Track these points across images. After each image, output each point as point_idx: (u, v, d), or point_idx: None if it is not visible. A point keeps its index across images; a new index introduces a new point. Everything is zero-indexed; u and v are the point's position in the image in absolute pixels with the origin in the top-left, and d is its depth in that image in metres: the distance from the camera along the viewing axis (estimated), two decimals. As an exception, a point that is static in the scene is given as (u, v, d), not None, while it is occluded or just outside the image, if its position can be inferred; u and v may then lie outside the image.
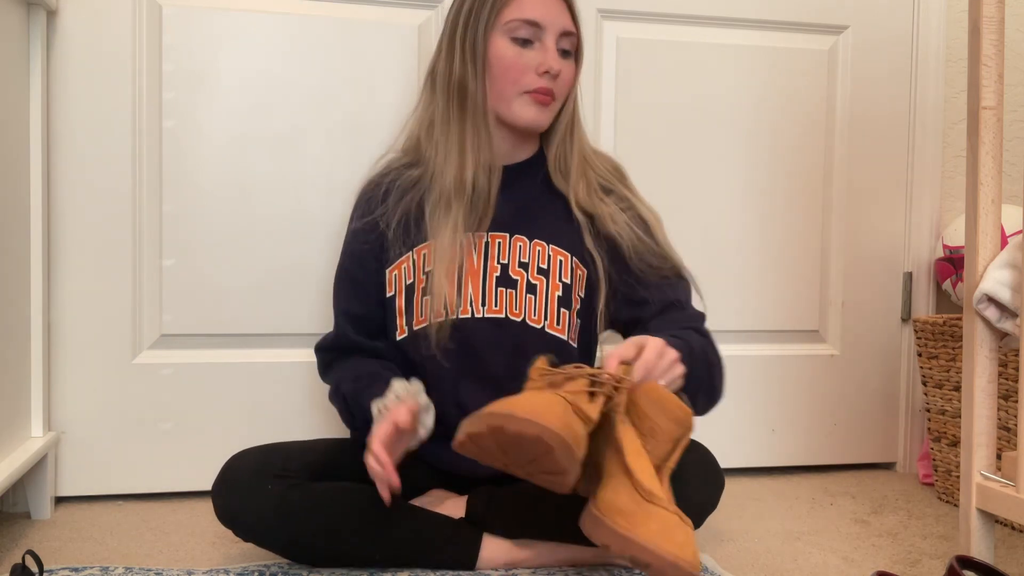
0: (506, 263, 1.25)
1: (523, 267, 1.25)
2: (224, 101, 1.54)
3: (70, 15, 1.47)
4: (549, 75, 1.22)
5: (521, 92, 1.22)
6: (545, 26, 1.22)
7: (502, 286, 1.24)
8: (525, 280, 1.25)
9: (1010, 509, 1.09)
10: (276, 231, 1.57)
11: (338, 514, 1.16)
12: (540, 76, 1.21)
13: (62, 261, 1.49)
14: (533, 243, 1.26)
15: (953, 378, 1.59)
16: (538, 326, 1.24)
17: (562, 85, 1.24)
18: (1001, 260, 1.12)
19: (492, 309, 1.24)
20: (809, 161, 1.78)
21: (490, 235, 1.25)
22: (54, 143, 1.47)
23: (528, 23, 1.21)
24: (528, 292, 1.24)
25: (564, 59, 1.24)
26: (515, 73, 1.22)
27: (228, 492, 1.17)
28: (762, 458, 1.78)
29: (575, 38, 1.26)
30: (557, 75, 1.22)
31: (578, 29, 1.26)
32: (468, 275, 1.24)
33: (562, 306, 1.25)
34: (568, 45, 1.25)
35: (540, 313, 1.24)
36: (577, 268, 1.26)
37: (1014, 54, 1.83)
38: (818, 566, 1.28)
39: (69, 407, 1.51)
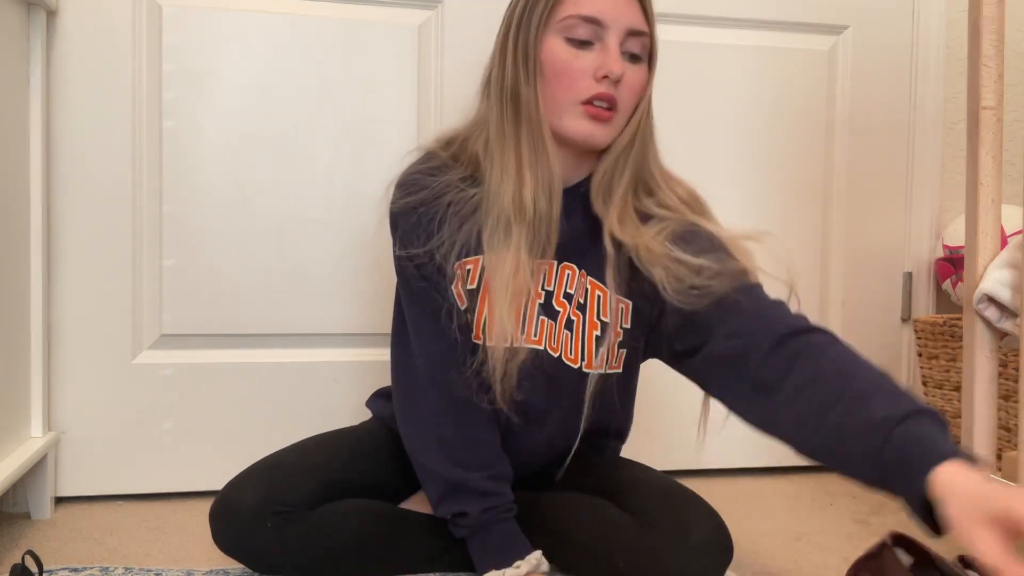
0: (551, 291, 1.11)
1: (567, 298, 1.11)
2: (224, 101, 1.54)
3: (70, 15, 1.47)
4: (609, 80, 1.03)
5: (576, 102, 1.04)
6: (607, 23, 1.03)
7: (543, 315, 1.11)
8: (567, 314, 1.11)
9: (1010, 509, 1.09)
10: (276, 231, 1.57)
11: (339, 539, 1.14)
12: (599, 81, 1.03)
13: (62, 261, 1.49)
14: (581, 273, 1.11)
15: (953, 378, 1.59)
16: (575, 366, 1.12)
17: (627, 94, 1.06)
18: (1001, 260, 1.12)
19: (531, 339, 1.10)
20: (809, 161, 1.78)
21: (537, 261, 1.08)
22: (54, 143, 1.47)
23: (587, 20, 1.03)
24: (565, 328, 1.11)
25: (631, 63, 1.06)
26: (569, 78, 1.03)
27: (226, 528, 1.15)
28: (762, 458, 1.78)
29: (647, 39, 1.07)
30: (619, 80, 1.03)
31: (652, 30, 1.08)
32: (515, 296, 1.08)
33: (599, 345, 1.11)
34: (637, 48, 1.06)
35: (576, 353, 1.12)
36: (619, 302, 1.11)
37: (1014, 54, 1.83)
38: (818, 566, 1.28)
39: (69, 407, 1.51)
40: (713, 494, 1.20)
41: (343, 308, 1.59)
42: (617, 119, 1.07)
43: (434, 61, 1.60)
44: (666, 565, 1.04)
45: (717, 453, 1.77)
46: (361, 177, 1.59)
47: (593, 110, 1.04)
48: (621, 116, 1.07)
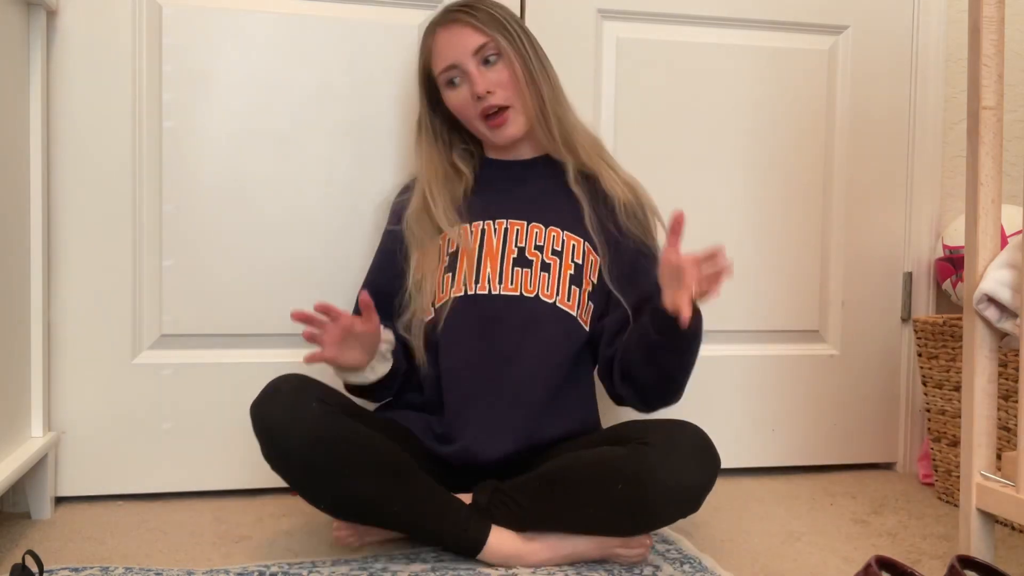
0: (523, 247, 1.35)
1: (539, 249, 1.35)
2: (224, 101, 1.54)
3: (70, 15, 1.47)
4: (481, 97, 1.33)
5: (480, 120, 1.36)
6: (459, 62, 1.34)
7: (519, 266, 1.34)
8: (540, 260, 1.34)
9: (1010, 509, 1.10)
10: (276, 230, 1.57)
11: (369, 452, 1.18)
12: (478, 101, 1.33)
13: (62, 261, 1.49)
14: (549, 230, 1.36)
15: (953, 378, 1.59)
16: (550, 301, 1.33)
17: (503, 89, 1.34)
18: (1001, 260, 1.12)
19: (508, 287, 1.33)
20: (809, 161, 1.78)
21: (510, 222, 1.37)
22: (54, 143, 1.47)
23: (447, 69, 1.35)
24: (542, 270, 1.34)
25: (492, 66, 1.34)
26: (465, 112, 1.37)
27: (270, 404, 1.18)
28: (762, 458, 1.78)
29: (492, 43, 1.33)
30: (485, 94, 1.32)
31: (491, 33, 1.33)
32: (487, 256, 1.35)
33: (573, 284, 1.34)
34: (490, 52, 1.34)
35: (552, 289, 1.33)
36: (590, 253, 1.36)
37: (1014, 54, 1.83)
38: (818, 566, 1.28)
39: (69, 407, 1.51)
40: (713, 494, 1.20)
41: (343, 308, 1.59)
42: (515, 110, 1.36)
43: (434, 61, 1.60)
44: (660, 476, 1.13)
45: (717, 453, 1.77)
46: (361, 176, 1.59)
47: (491, 122, 1.36)
48: (518, 104, 1.36)
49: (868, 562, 0.97)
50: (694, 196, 1.73)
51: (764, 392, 1.78)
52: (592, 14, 1.67)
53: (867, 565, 0.97)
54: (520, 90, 1.35)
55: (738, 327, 1.77)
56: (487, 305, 1.32)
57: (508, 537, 1.22)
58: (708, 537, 1.39)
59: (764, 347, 1.78)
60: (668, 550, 1.30)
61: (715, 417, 1.76)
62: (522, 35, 1.36)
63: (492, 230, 1.37)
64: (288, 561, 1.23)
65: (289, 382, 1.20)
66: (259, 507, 1.51)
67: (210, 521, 1.43)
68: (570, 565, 1.23)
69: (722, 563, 1.27)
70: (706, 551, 1.32)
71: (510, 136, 1.37)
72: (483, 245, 1.36)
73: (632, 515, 1.17)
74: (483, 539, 1.20)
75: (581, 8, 1.67)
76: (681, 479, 1.14)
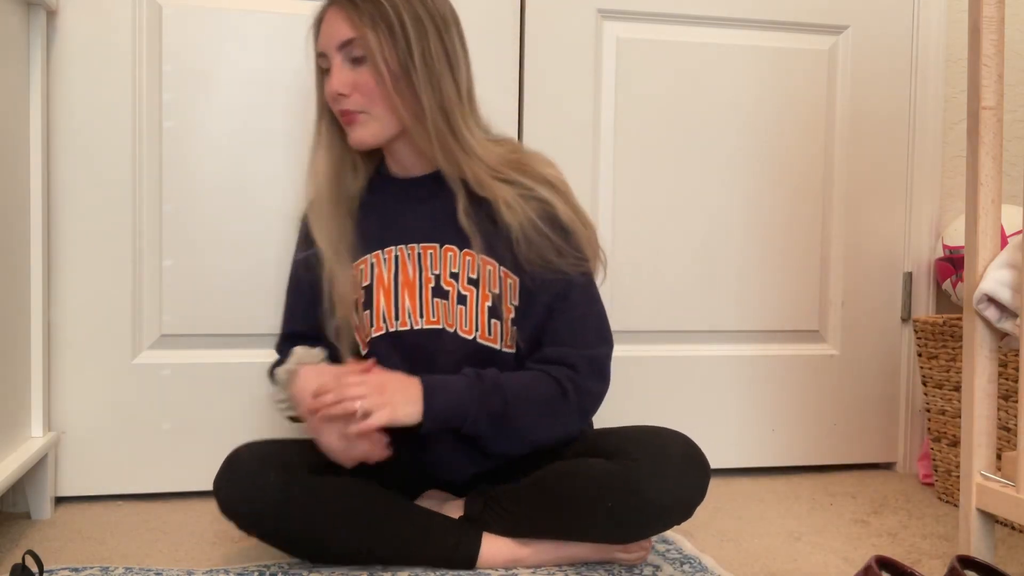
0: (438, 273, 1.23)
1: (454, 277, 1.23)
2: (224, 101, 1.54)
3: (70, 15, 1.47)
4: (333, 98, 1.20)
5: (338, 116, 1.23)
6: (327, 51, 1.20)
7: (437, 296, 1.23)
8: (456, 291, 1.23)
9: (1010, 509, 1.09)
10: (276, 231, 1.57)
11: (339, 507, 1.17)
12: (332, 101, 1.21)
13: (62, 261, 1.49)
14: (463, 253, 1.23)
15: (953, 378, 1.59)
16: (469, 337, 1.23)
17: (361, 95, 1.19)
18: (1001, 260, 1.12)
19: (430, 320, 1.23)
20: (809, 161, 1.78)
21: (422, 247, 1.24)
22: (54, 143, 1.47)
23: (318, 56, 1.23)
24: (459, 303, 1.23)
25: (356, 66, 1.18)
26: (325, 103, 1.24)
27: (230, 483, 1.17)
28: (762, 458, 1.78)
29: (359, 41, 1.17)
30: (337, 95, 1.19)
31: (362, 28, 1.16)
32: (404, 287, 1.24)
33: (492, 316, 1.22)
34: (358, 51, 1.17)
35: (471, 324, 1.23)
36: (507, 276, 1.22)
37: (1014, 54, 1.83)
38: (818, 566, 1.28)
39: (69, 407, 1.51)
40: (713, 494, 1.20)
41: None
42: (368, 118, 1.21)
43: (434, 61, 1.60)
44: (650, 494, 1.11)
45: (716, 453, 1.76)
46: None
47: (342, 120, 1.22)
48: (376, 111, 1.20)
49: (868, 562, 0.97)
50: (694, 196, 1.73)
51: (764, 392, 1.78)
52: (592, 14, 1.67)
53: (867, 566, 0.97)
54: (385, 97, 1.18)
55: (738, 327, 1.77)
56: (414, 342, 1.23)
57: (504, 544, 1.21)
58: (708, 537, 1.39)
59: (764, 347, 1.78)
60: (668, 550, 1.30)
61: (715, 417, 1.76)
62: (409, 33, 1.16)
63: (405, 256, 1.24)
64: (288, 561, 1.23)
65: (248, 452, 1.19)
66: (259, 507, 1.51)
67: (210, 521, 1.43)
68: (570, 565, 1.23)
69: (722, 563, 1.27)
70: (706, 551, 1.32)
71: (359, 141, 1.22)
72: (398, 274, 1.24)
73: (624, 528, 1.16)
74: (475, 553, 1.19)
75: (581, 8, 1.67)
76: (672, 494, 1.12)
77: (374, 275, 1.25)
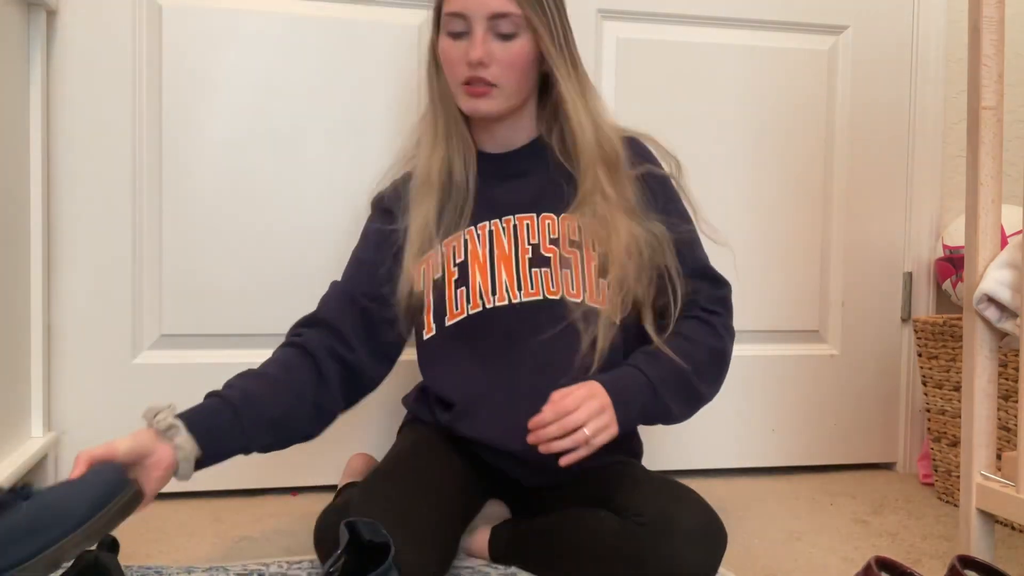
0: (536, 243, 1.23)
1: (554, 243, 1.22)
2: (224, 101, 1.54)
3: (70, 15, 1.47)
4: (472, 65, 1.18)
5: (459, 83, 1.21)
6: (470, 15, 1.18)
7: (536, 267, 1.22)
8: (558, 256, 1.22)
9: (1010, 509, 1.10)
10: (276, 231, 1.57)
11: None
12: (468, 67, 1.19)
13: (62, 261, 1.49)
14: (561, 219, 1.23)
15: (953, 378, 1.59)
16: (577, 300, 1.20)
17: (502, 69, 1.19)
18: (1001, 260, 1.12)
19: (528, 292, 1.22)
20: (809, 161, 1.78)
21: (517, 218, 1.24)
22: (54, 143, 1.47)
23: (454, 15, 1.19)
24: (563, 267, 1.22)
25: (503, 41, 1.18)
26: (450, 66, 1.21)
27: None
28: (762, 458, 1.78)
29: (517, 18, 1.17)
30: (479, 63, 1.17)
31: (523, 6, 1.17)
32: (500, 261, 1.23)
33: (601, 276, 1.21)
34: (507, 27, 1.18)
35: (579, 287, 1.20)
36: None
37: (1014, 54, 1.83)
38: (818, 566, 1.28)
39: (69, 407, 1.51)
40: (713, 494, 1.20)
41: (343, 308, 1.59)
42: (498, 91, 1.20)
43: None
44: (654, 563, 1.04)
45: (717, 453, 1.77)
46: (361, 177, 1.59)
47: (470, 89, 1.20)
48: (504, 88, 1.20)
49: (868, 563, 0.97)
50: (694, 196, 1.72)
51: (764, 392, 1.78)
52: (592, 14, 1.67)
53: (867, 566, 0.97)
54: (523, 74, 1.21)
55: (738, 327, 1.75)
56: (511, 315, 1.21)
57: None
58: (708, 537, 1.39)
59: (764, 347, 1.78)
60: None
61: (715, 417, 1.76)
62: (556, 15, 1.20)
63: (500, 230, 1.24)
64: (288, 560, 1.23)
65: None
66: (259, 507, 1.51)
67: (210, 521, 1.43)
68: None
69: (722, 563, 1.27)
70: (706, 551, 1.31)
71: (484, 111, 1.21)
72: (493, 249, 1.24)
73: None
74: None
75: (581, 8, 1.66)
76: (680, 567, 1.03)
77: (468, 251, 1.24)
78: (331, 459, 1.56)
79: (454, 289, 1.23)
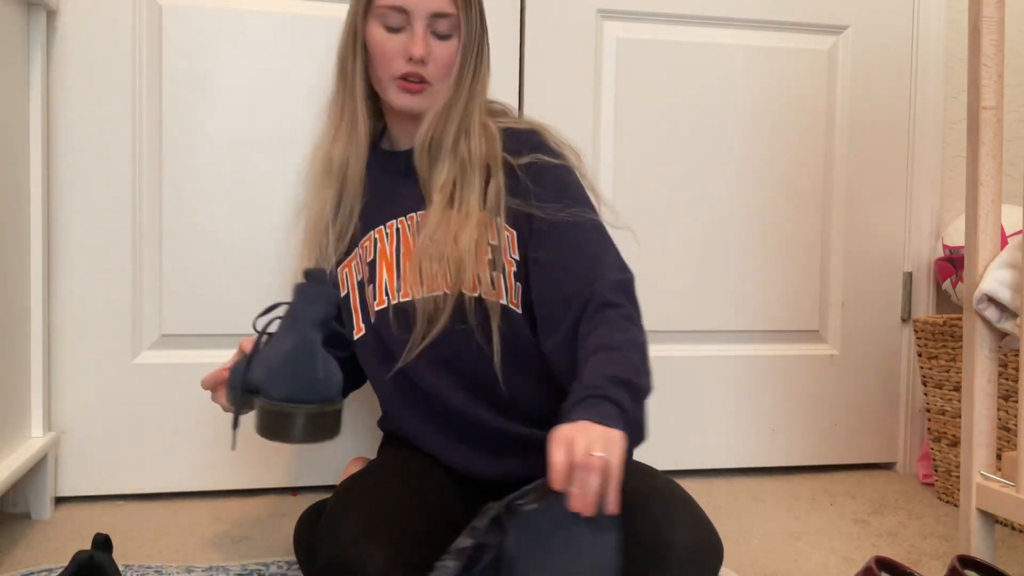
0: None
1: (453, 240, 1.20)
2: (224, 101, 1.54)
3: (70, 15, 1.47)
4: (413, 61, 1.18)
5: (392, 78, 1.20)
6: (411, 10, 1.18)
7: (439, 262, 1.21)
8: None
9: (1010, 509, 1.10)
10: (276, 230, 1.56)
11: None
12: (407, 62, 1.18)
13: (62, 261, 1.49)
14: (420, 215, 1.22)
15: (953, 378, 1.59)
16: (475, 295, 1.17)
17: (438, 68, 1.20)
18: (1001, 260, 1.12)
19: (431, 288, 1.18)
20: (809, 161, 1.78)
21: (420, 215, 1.22)
22: (54, 143, 1.47)
23: (394, 9, 1.19)
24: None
25: (440, 40, 1.20)
26: (384, 60, 1.20)
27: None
28: (762, 458, 1.78)
29: (453, 19, 1.19)
30: (420, 60, 1.18)
31: (459, 9, 1.19)
32: (406, 258, 1.21)
33: (494, 270, 1.19)
34: (445, 28, 1.19)
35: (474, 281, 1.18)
36: (504, 229, 1.19)
37: (1014, 54, 1.83)
38: (818, 566, 1.28)
39: (69, 407, 1.51)
40: (713, 494, 1.20)
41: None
42: (432, 88, 1.21)
43: (434, 61, 1.60)
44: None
45: (717, 453, 1.77)
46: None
47: (405, 84, 1.20)
48: (437, 85, 1.21)
49: (868, 563, 0.97)
50: (694, 196, 1.73)
51: (764, 392, 1.78)
52: (592, 14, 1.67)
53: (867, 566, 0.97)
54: (450, 74, 1.21)
55: (738, 327, 1.77)
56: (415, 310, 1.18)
57: None
58: (708, 537, 1.39)
59: (764, 347, 1.78)
60: (668, 550, 1.30)
61: (715, 417, 1.76)
62: (482, 19, 1.23)
63: (406, 227, 1.23)
64: (288, 560, 1.23)
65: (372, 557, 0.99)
66: (259, 507, 1.51)
67: (210, 521, 1.44)
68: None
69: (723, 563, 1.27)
70: (706, 551, 1.31)
71: (414, 107, 1.21)
72: (400, 246, 1.22)
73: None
74: None
75: (581, 8, 1.67)
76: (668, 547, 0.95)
77: (377, 250, 1.24)
78: (331, 459, 1.56)
79: (365, 287, 1.24)
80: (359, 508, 1.06)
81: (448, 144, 1.21)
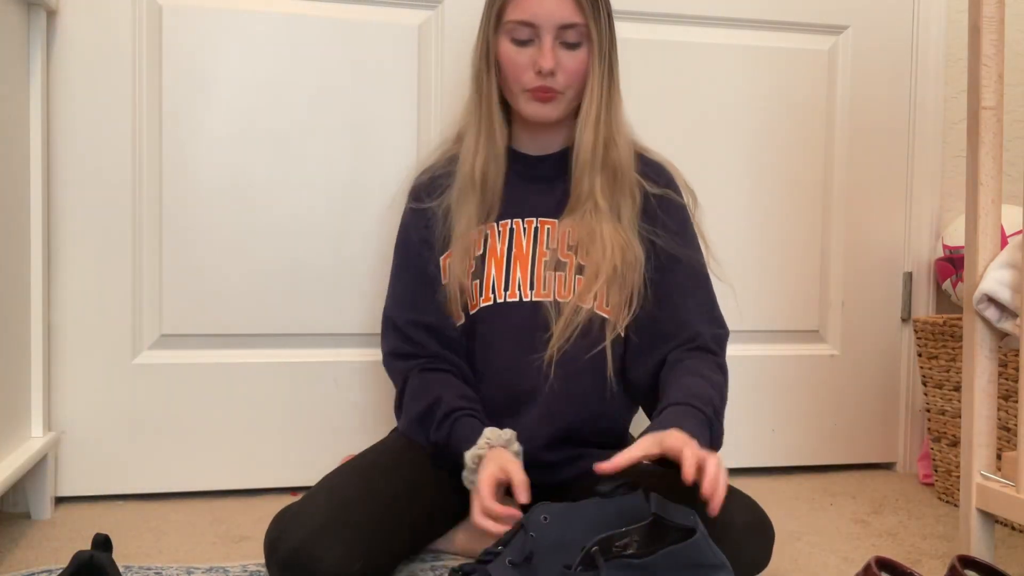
0: (555, 248, 1.28)
1: (571, 250, 1.27)
2: (224, 101, 1.54)
3: (70, 15, 1.47)
4: (542, 74, 1.23)
5: (523, 89, 1.25)
6: (539, 24, 1.22)
7: (551, 270, 1.27)
8: (574, 263, 1.26)
9: (1010, 509, 1.10)
10: (276, 230, 1.57)
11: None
12: (536, 75, 1.23)
13: (62, 261, 1.49)
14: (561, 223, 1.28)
15: (953, 378, 1.59)
16: (586, 307, 1.25)
17: (567, 77, 1.25)
18: (1001, 260, 1.12)
19: (540, 293, 1.26)
20: (809, 161, 1.78)
21: (539, 221, 1.29)
22: (54, 143, 1.47)
23: (522, 23, 1.23)
24: (578, 273, 1.26)
25: (569, 50, 1.24)
26: (514, 72, 1.25)
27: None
28: (762, 458, 1.78)
29: (582, 28, 1.23)
30: (550, 73, 1.23)
31: (587, 17, 1.23)
32: (516, 260, 1.27)
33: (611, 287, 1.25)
34: (573, 37, 1.23)
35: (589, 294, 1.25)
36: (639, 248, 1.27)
37: (1014, 54, 1.83)
38: (818, 566, 1.28)
39: (69, 407, 1.51)
40: (713, 494, 1.19)
41: (343, 308, 1.59)
42: (562, 97, 1.26)
43: (434, 61, 1.60)
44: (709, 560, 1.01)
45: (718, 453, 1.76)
46: (360, 177, 1.59)
47: (537, 94, 1.25)
48: (567, 94, 1.26)
49: (868, 563, 0.97)
50: (694, 196, 1.72)
51: (764, 392, 1.78)
52: (592, 14, 1.67)
53: (867, 566, 0.97)
54: (582, 82, 1.26)
55: (738, 327, 1.75)
56: (520, 313, 1.25)
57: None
58: (708, 537, 1.39)
59: (764, 347, 1.78)
60: (668, 550, 1.30)
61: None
62: (609, 27, 1.27)
63: (521, 229, 1.29)
64: (288, 561, 1.23)
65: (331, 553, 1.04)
66: (259, 507, 1.51)
67: (210, 521, 1.44)
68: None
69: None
70: (706, 551, 1.31)
71: (546, 116, 1.26)
72: (512, 247, 1.28)
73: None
74: None
75: (581, 8, 1.67)
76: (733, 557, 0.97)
77: (487, 246, 1.28)
78: (330, 459, 1.56)
79: (470, 280, 1.28)
80: (320, 503, 1.10)
81: (600, 152, 1.27)
